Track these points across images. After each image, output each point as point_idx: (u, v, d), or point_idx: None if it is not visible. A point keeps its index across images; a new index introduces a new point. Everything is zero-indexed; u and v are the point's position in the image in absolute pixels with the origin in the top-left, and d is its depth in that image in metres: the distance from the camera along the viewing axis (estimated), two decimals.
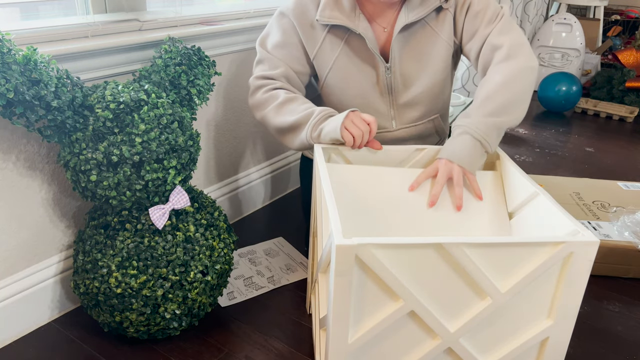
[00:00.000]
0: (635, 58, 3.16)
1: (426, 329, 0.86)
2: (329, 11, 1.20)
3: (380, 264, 0.78)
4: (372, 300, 0.82)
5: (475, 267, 0.80)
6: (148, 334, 1.16)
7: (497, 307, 0.83)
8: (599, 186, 1.79)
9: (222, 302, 1.32)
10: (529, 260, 0.80)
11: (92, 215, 1.16)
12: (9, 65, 0.92)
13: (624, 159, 2.36)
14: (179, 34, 1.32)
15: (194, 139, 1.14)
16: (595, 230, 1.51)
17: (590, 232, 0.82)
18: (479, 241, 0.78)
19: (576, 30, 3.22)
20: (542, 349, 0.90)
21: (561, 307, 0.84)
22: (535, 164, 2.28)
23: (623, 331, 1.28)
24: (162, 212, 1.10)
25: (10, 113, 0.96)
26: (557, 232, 0.90)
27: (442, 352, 0.88)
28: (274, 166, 1.84)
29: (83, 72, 1.16)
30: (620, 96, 3.02)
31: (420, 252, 0.78)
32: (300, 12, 1.24)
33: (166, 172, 1.07)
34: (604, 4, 3.48)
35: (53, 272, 1.23)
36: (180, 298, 1.11)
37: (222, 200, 1.65)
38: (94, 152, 1.02)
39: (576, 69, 3.24)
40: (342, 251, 0.76)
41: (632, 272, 1.48)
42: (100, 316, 1.14)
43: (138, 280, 1.06)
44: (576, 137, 2.62)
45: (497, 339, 0.88)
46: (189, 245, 1.13)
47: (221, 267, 1.18)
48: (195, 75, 1.21)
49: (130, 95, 1.04)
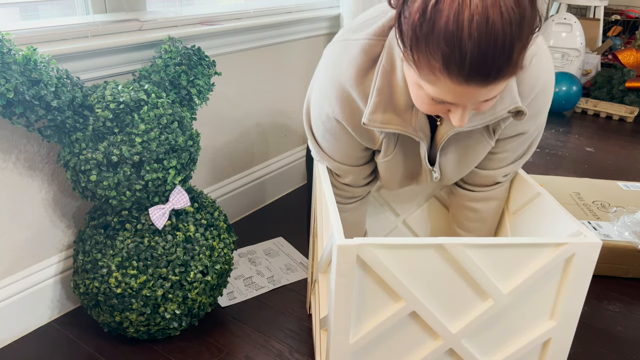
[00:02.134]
0: (635, 58, 3.16)
1: (428, 329, 0.85)
2: (381, 114, 0.88)
3: (381, 264, 0.78)
4: (374, 300, 0.82)
5: (477, 268, 0.79)
6: (148, 334, 1.16)
7: (499, 308, 0.83)
8: (599, 186, 1.79)
9: (222, 302, 1.31)
10: (531, 261, 0.80)
11: (92, 215, 1.15)
12: (9, 65, 0.92)
13: (624, 159, 2.36)
14: (179, 34, 1.32)
15: (194, 139, 1.14)
16: (595, 230, 1.51)
17: (593, 233, 0.82)
18: (481, 242, 0.78)
19: (576, 30, 3.22)
20: (545, 351, 0.89)
21: (563, 308, 0.84)
22: (535, 164, 2.28)
23: (623, 331, 1.28)
24: (162, 212, 1.10)
25: (10, 113, 0.95)
26: (559, 232, 0.90)
27: (444, 353, 0.88)
28: (274, 166, 1.84)
29: (83, 72, 1.16)
30: (620, 96, 3.02)
31: (422, 253, 0.78)
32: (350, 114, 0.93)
33: (166, 172, 1.07)
34: (604, 4, 3.48)
35: (53, 272, 1.23)
36: (180, 298, 1.11)
37: (222, 200, 1.65)
38: (94, 152, 1.02)
39: (576, 69, 3.24)
40: (343, 251, 0.76)
41: (632, 272, 1.48)
42: (100, 316, 1.13)
43: (138, 280, 1.06)
44: (576, 137, 2.62)
45: (499, 340, 0.88)
46: (189, 245, 1.12)
47: (221, 267, 1.18)
48: (195, 75, 1.21)
49: (130, 95, 1.04)
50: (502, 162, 1.03)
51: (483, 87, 0.69)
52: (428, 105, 0.79)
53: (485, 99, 0.74)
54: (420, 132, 0.91)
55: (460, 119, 0.77)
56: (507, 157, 1.02)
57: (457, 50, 0.65)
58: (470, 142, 0.97)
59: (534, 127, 0.97)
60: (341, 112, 0.92)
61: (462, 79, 0.68)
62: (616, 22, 3.75)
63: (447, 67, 0.67)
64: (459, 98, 0.73)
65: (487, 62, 0.65)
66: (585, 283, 0.83)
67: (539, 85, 0.90)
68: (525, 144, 1.01)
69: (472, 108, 0.77)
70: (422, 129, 0.91)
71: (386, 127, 0.90)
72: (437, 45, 0.66)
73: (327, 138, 0.99)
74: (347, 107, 0.92)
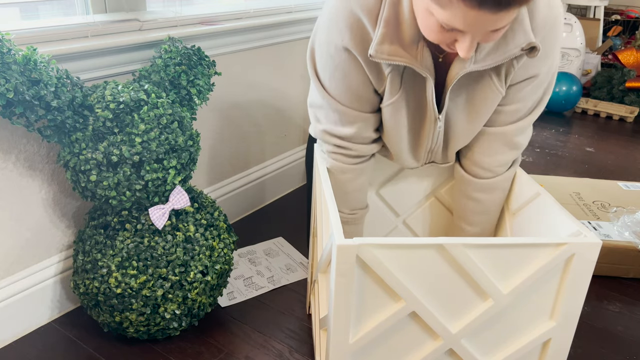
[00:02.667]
0: (635, 58, 3.16)
1: (428, 330, 0.86)
2: (388, 45, 0.87)
3: (381, 264, 0.78)
4: (373, 300, 0.82)
5: (476, 268, 0.79)
6: (148, 334, 1.16)
7: (499, 308, 0.83)
8: (599, 186, 1.79)
9: (222, 302, 1.31)
10: (531, 261, 0.80)
11: (92, 215, 1.15)
12: (9, 65, 0.92)
13: (624, 159, 2.36)
14: (179, 34, 1.32)
15: (193, 139, 1.14)
16: (595, 230, 1.51)
17: (593, 233, 0.82)
18: (481, 242, 0.78)
19: (576, 30, 3.22)
20: (545, 351, 0.89)
21: (563, 308, 0.84)
22: (535, 164, 2.28)
23: (623, 331, 1.28)
24: (162, 212, 1.09)
25: (10, 113, 0.95)
26: (559, 232, 0.90)
27: (444, 353, 0.88)
28: (274, 166, 1.84)
29: (83, 72, 1.16)
30: (621, 96, 3.02)
31: (422, 253, 0.78)
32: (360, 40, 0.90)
33: (166, 172, 1.07)
34: (604, 4, 3.48)
35: (53, 272, 1.23)
36: (180, 298, 1.11)
37: (222, 200, 1.65)
38: (93, 152, 1.02)
39: (576, 69, 3.24)
40: (343, 251, 0.76)
41: (632, 272, 1.48)
42: (100, 316, 1.13)
43: (138, 280, 1.06)
44: (576, 137, 2.62)
45: (499, 340, 0.88)
46: (189, 245, 1.12)
47: (221, 267, 1.18)
48: (195, 75, 1.21)
49: (130, 95, 1.04)
50: (514, 116, 0.99)
51: (494, 14, 0.69)
52: (436, 34, 0.77)
53: (494, 28, 0.73)
54: (425, 69, 0.89)
55: (467, 49, 0.76)
56: (519, 108, 0.98)
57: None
58: (480, 88, 0.94)
59: (545, 69, 0.94)
60: (351, 38, 0.90)
61: (475, 3, 0.67)
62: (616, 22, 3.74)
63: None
64: (469, 24, 0.72)
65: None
66: (585, 283, 0.83)
67: (549, 21, 0.89)
68: (537, 92, 0.97)
69: (480, 39, 0.76)
70: (427, 66, 0.89)
71: (393, 59, 0.88)
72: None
73: (336, 76, 0.96)
74: (357, 33, 0.89)
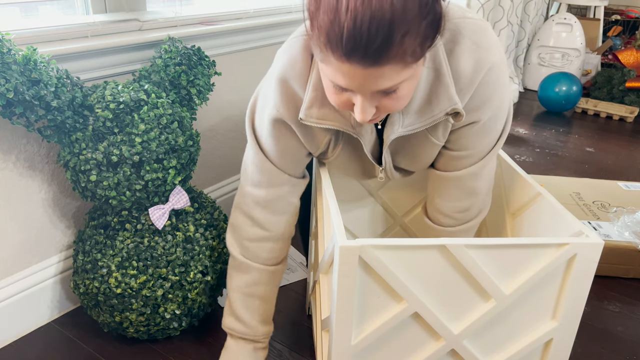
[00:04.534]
0: (635, 58, 3.16)
1: (430, 330, 0.85)
2: (317, 109, 0.86)
3: (383, 265, 0.77)
4: (376, 301, 0.81)
5: (478, 269, 0.79)
6: (148, 334, 1.15)
7: (501, 309, 0.83)
8: (599, 186, 1.79)
9: (222, 302, 1.31)
10: (533, 262, 0.80)
11: (92, 215, 1.15)
12: (9, 65, 0.91)
13: (624, 159, 2.36)
14: (178, 34, 1.32)
15: (193, 139, 1.13)
16: (595, 231, 1.51)
17: (595, 233, 0.82)
18: (483, 242, 0.78)
19: (576, 30, 3.22)
20: (546, 351, 0.89)
21: (565, 309, 0.84)
22: (535, 164, 2.28)
23: (623, 331, 1.28)
24: (162, 212, 1.09)
25: (10, 113, 0.95)
26: (560, 233, 0.89)
27: (446, 354, 0.88)
28: None
29: (83, 72, 1.16)
30: (621, 96, 3.02)
31: (424, 254, 0.78)
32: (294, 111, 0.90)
33: (166, 172, 1.07)
34: (604, 4, 3.48)
35: (53, 272, 1.23)
36: (180, 298, 1.11)
37: (222, 200, 1.65)
38: (93, 152, 1.02)
39: (576, 69, 3.24)
40: (345, 252, 0.75)
41: (632, 272, 1.48)
42: (100, 316, 1.13)
43: (138, 280, 1.06)
44: (576, 137, 2.62)
45: (501, 340, 0.88)
46: (189, 245, 1.12)
47: (221, 267, 1.17)
48: (195, 75, 1.20)
49: (130, 95, 1.04)
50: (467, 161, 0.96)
51: (365, 69, 0.68)
52: (333, 96, 0.77)
53: (378, 88, 0.71)
54: (359, 128, 0.88)
55: (360, 112, 0.75)
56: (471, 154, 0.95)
57: (336, 23, 0.65)
58: (418, 143, 0.94)
59: (487, 115, 0.90)
60: (286, 109, 0.90)
61: (342, 54, 0.67)
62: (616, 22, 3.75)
63: (329, 41, 0.67)
64: (350, 80, 0.71)
65: (362, 38, 0.64)
66: (587, 283, 0.83)
67: (478, 77, 0.85)
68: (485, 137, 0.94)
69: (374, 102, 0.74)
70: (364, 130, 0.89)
71: (322, 122, 0.87)
72: (322, 20, 0.66)
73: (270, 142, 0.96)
74: (290, 100, 0.89)
